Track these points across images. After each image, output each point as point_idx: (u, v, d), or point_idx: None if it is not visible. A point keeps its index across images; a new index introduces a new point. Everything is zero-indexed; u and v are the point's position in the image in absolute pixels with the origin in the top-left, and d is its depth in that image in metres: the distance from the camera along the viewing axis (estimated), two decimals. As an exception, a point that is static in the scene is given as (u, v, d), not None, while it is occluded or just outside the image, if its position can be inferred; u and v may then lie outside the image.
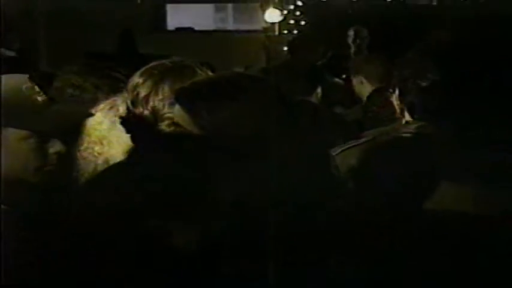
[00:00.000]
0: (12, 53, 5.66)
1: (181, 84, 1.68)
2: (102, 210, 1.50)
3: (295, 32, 7.79)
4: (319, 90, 3.41)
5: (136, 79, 1.80)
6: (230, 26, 9.04)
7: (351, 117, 3.41)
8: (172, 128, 1.48)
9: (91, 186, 1.77)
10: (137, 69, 1.87)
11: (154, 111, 1.75)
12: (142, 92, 1.76)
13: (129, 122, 1.81)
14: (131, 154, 1.73)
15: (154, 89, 1.76)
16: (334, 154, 1.60)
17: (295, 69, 3.56)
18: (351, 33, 5.71)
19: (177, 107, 1.44)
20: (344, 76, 4.07)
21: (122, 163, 1.72)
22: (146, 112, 1.75)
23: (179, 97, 1.45)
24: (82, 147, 1.97)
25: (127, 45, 6.76)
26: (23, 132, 1.51)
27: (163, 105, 1.72)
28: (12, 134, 1.51)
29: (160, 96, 1.75)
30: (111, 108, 1.91)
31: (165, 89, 1.75)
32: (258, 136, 1.39)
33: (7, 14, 6.65)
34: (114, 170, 1.71)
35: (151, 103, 1.75)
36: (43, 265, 1.45)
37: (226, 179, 1.37)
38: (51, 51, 7.20)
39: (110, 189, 1.58)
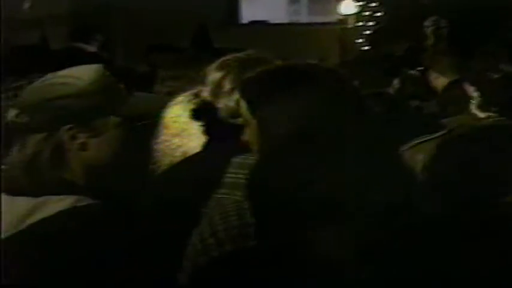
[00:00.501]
0: (93, 49, 5.80)
1: None
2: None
3: (371, 23, 7.68)
4: (395, 82, 3.35)
5: (216, 72, 1.80)
6: (304, 18, 8.99)
7: (427, 110, 3.34)
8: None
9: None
10: (211, 63, 1.88)
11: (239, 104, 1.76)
12: (228, 85, 1.76)
13: (202, 113, 1.82)
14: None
15: (238, 82, 1.76)
16: (404, 149, 1.56)
17: (373, 61, 3.50)
18: (429, 23, 5.57)
19: (240, 97, 1.43)
20: (420, 68, 3.97)
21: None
22: (231, 104, 1.75)
23: (243, 87, 1.44)
24: (159, 140, 2.00)
25: (202, 39, 6.82)
26: (117, 119, 1.55)
27: None
28: (109, 121, 1.55)
29: None
30: (189, 101, 1.92)
31: None
32: (327, 130, 1.35)
33: (85, 10, 6.83)
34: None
35: (235, 96, 1.76)
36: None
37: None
38: (128, 46, 7.35)
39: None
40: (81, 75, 1.57)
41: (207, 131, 1.82)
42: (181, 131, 1.99)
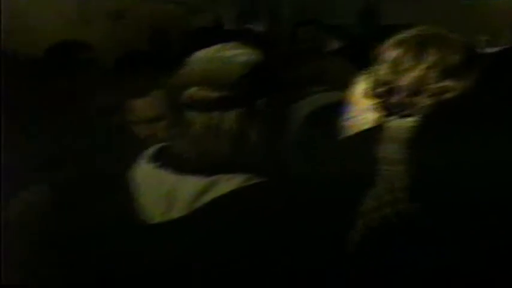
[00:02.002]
0: (260, 29, 5.94)
1: (446, 52, 1.69)
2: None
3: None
4: None
5: (393, 50, 1.80)
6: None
7: None
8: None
9: None
10: (377, 39, 1.88)
11: (423, 80, 1.74)
12: (407, 63, 1.76)
13: (377, 90, 1.82)
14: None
15: (420, 58, 1.75)
16: None
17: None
18: None
19: None
20: None
21: None
22: (412, 81, 1.75)
23: None
24: (348, 117, 2.04)
25: (368, 16, 6.75)
26: None
27: (429, 75, 1.73)
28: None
29: (426, 64, 1.74)
30: (366, 78, 1.95)
31: (432, 58, 1.74)
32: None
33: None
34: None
35: (417, 72, 1.75)
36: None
37: None
38: (295, 26, 7.42)
39: None
40: (245, 48, 1.60)
41: (383, 108, 1.83)
42: (358, 97, 2.02)
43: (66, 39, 3.72)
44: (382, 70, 1.78)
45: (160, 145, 1.64)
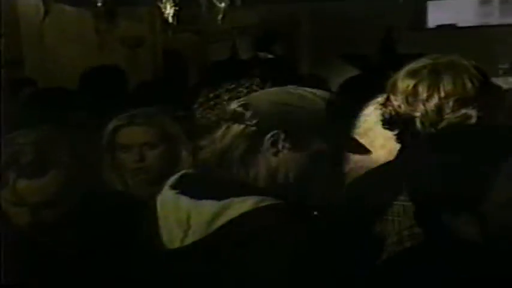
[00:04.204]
0: (273, 56, 5.93)
1: (461, 81, 1.65)
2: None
3: None
4: None
5: (407, 80, 1.76)
6: (496, 20, 8.54)
7: None
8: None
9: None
10: (393, 69, 1.85)
11: (440, 110, 1.71)
12: (424, 93, 1.72)
13: (395, 122, 1.79)
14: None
15: (436, 88, 1.72)
16: None
17: None
18: None
19: None
20: None
21: None
22: (429, 110, 1.71)
23: None
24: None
25: (386, 45, 6.73)
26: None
27: (446, 104, 1.69)
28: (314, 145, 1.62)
29: (442, 94, 1.70)
30: (377, 109, 1.92)
31: (447, 88, 1.71)
32: None
33: (273, 20, 6.99)
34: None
35: (434, 102, 1.71)
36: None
37: None
38: (312, 54, 7.42)
39: None
40: (320, 99, 1.62)
41: (401, 139, 1.79)
42: (367, 130, 2.00)
43: (104, 64, 3.82)
44: (397, 101, 1.75)
45: (181, 172, 1.68)
